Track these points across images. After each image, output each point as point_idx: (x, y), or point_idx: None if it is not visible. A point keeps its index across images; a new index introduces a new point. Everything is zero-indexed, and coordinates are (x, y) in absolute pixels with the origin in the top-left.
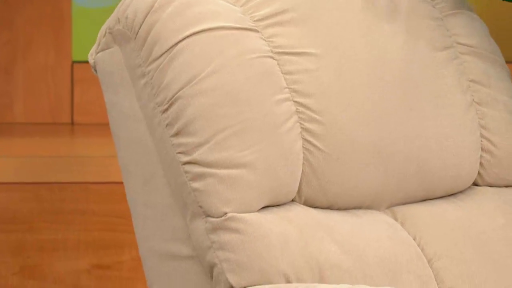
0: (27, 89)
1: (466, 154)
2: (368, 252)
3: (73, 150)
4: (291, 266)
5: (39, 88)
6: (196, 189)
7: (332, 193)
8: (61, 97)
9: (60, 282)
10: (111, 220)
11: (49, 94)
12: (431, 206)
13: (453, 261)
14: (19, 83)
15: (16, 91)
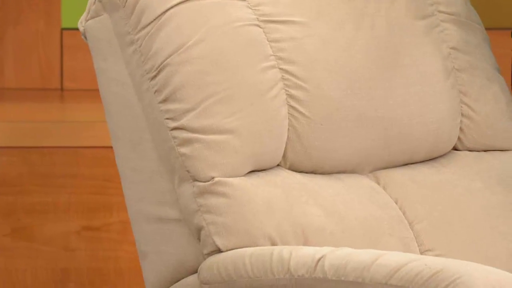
0: (18, 56)
1: (446, 120)
2: (351, 215)
3: (63, 115)
4: (276, 229)
5: (29, 54)
6: (184, 154)
7: (316, 158)
8: (51, 63)
9: (50, 244)
10: (101, 184)
11: (39, 60)
12: (412, 170)
13: (433, 224)
14: (10, 49)
15: (6, 58)
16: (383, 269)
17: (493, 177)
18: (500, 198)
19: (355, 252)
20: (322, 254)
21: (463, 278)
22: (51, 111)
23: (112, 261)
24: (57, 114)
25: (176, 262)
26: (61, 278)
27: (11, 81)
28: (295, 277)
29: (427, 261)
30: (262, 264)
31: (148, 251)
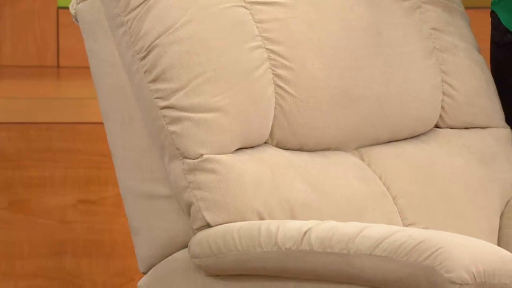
0: (15, 34)
1: (428, 98)
2: (336, 191)
3: (59, 92)
4: (264, 204)
5: (26, 32)
6: (173, 132)
7: (302, 136)
8: (47, 41)
9: (47, 216)
10: (96, 159)
11: (36, 38)
12: (395, 147)
13: (415, 199)
14: (7, 27)
15: (4, 35)
16: (368, 240)
17: (474, 154)
18: (480, 173)
19: (340, 225)
20: (308, 227)
21: (445, 248)
22: (48, 88)
23: (107, 233)
24: (53, 91)
25: (167, 237)
26: (57, 250)
27: (8, 58)
28: (283, 249)
29: (410, 232)
30: (251, 238)
31: (140, 227)
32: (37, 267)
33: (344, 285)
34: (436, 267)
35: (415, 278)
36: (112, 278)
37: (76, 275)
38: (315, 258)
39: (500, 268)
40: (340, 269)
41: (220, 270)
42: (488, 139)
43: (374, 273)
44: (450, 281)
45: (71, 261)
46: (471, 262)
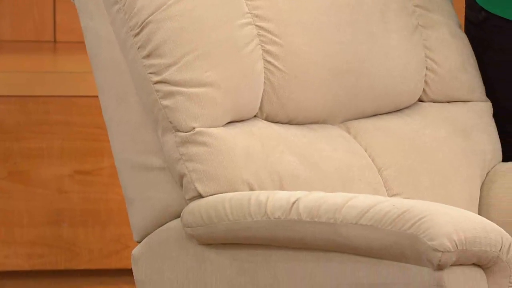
0: (13, 9)
1: (412, 73)
2: (323, 163)
3: (56, 66)
4: (254, 176)
5: (24, 8)
6: (166, 106)
7: (290, 109)
8: (45, 17)
9: (45, 186)
10: (92, 131)
11: (33, 13)
12: (380, 121)
13: (400, 170)
14: (6, 3)
15: (2, 11)
16: (354, 210)
17: (456, 126)
18: (462, 145)
19: (328, 195)
20: (297, 198)
21: (428, 217)
22: (45, 62)
23: (103, 203)
24: (50, 65)
25: (161, 207)
26: (55, 219)
27: (5, 33)
28: (272, 219)
29: (394, 202)
30: (241, 208)
31: (134, 198)
32: (35, 235)
33: (331, 253)
34: (419, 235)
35: (400, 246)
36: (108, 245)
37: (73, 243)
38: (303, 227)
39: (481, 236)
40: (327, 237)
41: (211, 239)
42: (470, 112)
43: (360, 242)
44: (433, 249)
45: (68, 230)
46: (453, 230)
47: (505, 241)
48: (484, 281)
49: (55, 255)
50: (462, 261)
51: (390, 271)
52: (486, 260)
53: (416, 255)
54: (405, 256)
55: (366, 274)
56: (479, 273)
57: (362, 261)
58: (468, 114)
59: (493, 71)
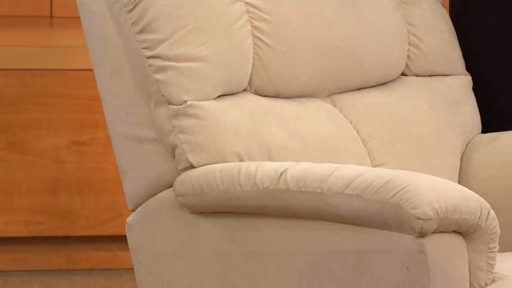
0: None
1: (395, 48)
2: (311, 135)
3: (53, 40)
4: (244, 147)
5: None
6: (159, 80)
7: (279, 83)
8: None
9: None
10: (87, 103)
11: None
12: (365, 94)
13: (383, 141)
14: None
15: None
16: (339, 180)
17: (438, 99)
18: (443, 117)
19: (314, 165)
20: (285, 168)
21: (411, 186)
22: (42, 36)
23: (99, 172)
24: (47, 40)
25: (154, 178)
26: (52, 187)
27: (3, 8)
28: (261, 189)
29: (378, 172)
30: (231, 178)
31: (128, 168)
32: (33, 203)
33: (318, 221)
34: (402, 204)
35: (383, 214)
36: (103, 213)
37: (69, 211)
38: (291, 196)
39: (461, 204)
40: (314, 206)
41: (203, 207)
42: (451, 85)
43: (345, 210)
44: (415, 217)
45: (64, 198)
46: (434, 199)
47: (484, 209)
48: (464, 248)
49: (52, 222)
50: (443, 229)
51: (374, 238)
52: (466, 227)
53: (399, 223)
54: (388, 224)
55: (351, 241)
56: (459, 240)
57: (347, 229)
58: (449, 87)
59: (474, 45)
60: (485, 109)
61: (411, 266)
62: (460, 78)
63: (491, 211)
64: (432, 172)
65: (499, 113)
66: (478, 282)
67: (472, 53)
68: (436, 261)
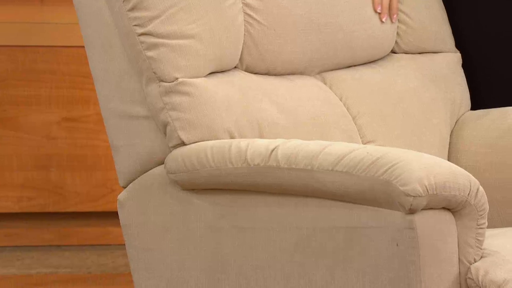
0: None
1: (385, 25)
2: (301, 111)
3: (44, 17)
4: (235, 124)
5: None
6: (151, 57)
7: (269, 61)
8: None
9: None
10: (78, 79)
11: None
12: (355, 71)
13: (373, 118)
14: None
15: None
16: (330, 157)
17: (427, 76)
18: (432, 94)
19: (305, 143)
20: (276, 145)
21: (400, 163)
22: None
23: (90, 149)
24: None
25: (145, 154)
26: (43, 163)
27: None
28: (251, 166)
29: (368, 149)
30: (222, 155)
31: (120, 145)
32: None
33: (308, 198)
34: (392, 181)
35: (373, 191)
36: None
37: (60, 187)
38: (281, 173)
39: (450, 181)
40: (304, 183)
41: (194, 184)
42: (440, 62)
43: (335, 187)
44: (405, 194)
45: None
46: (424, 176)
47: (473, 186)
48: (453, 224)
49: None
50: (433, 205)
51: (364, 215)
52: (455, 204)
53: (389, 200)
54: (378, 200)
55: (342, 218)
56: (449, 216)
57: (338, 206)
58: (438, 64)
59: (463, 22)
60: (475, 86)
61: (400, 242)
62: (449, 55)
63: (480, 187)
64: (421, 148)
65: (488, 90)
66: (467, 258)
67: (461, 30)
68: (426, 237)
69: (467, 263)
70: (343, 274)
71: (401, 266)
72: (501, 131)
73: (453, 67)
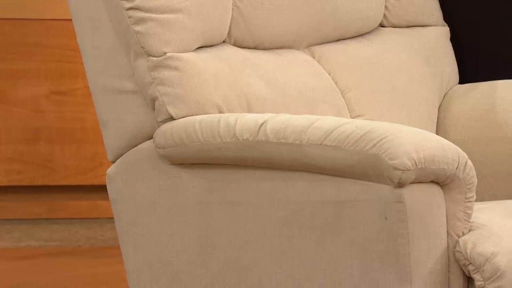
0: None
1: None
2: (289, 86)
3: None
4: (223, 99)
5: None
6: (138, 31)
7: (257, 35)
8: None
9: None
10: (67, 53)
11: None
12: (344, 45)
13: (362, 92)
14: None
15: None
16: (319, 131)
17: (415, 50)
18: (421, 68)
19: (294, 117)
20: (264, 120)
21: (389, 137)
22: None
23: (79, 122)
24: None
25: (134, 129)
26: (32, 137)
27: None
28: (240, 140)
29: (357, 123)
30: (211, 130)
31: (108, 120)
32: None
33: (297, 172)
34: (381, 155)
35: (362, 165)
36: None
37: (49, 160)
38: (270, 148)
39: (439, 155)
40: (293, 158)
41: (183, 159)
42: (429, 36)
43: (324, 161)
44: (394, 168)
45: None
46: (412, 149)
47: (461, 160)
48: (441, 198)
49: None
50: (421, 179)
51: (353, 189)
52: (444, 177)
53: (378, 174)
54: (367, 174)
55: (331, 192)
56: (437, 190)
57: (327, 180)
58: (427, 38)
59: None
60: (463, 59)
61: (389, 215)
62: (438, 29)
63: (469, 161)
64: (410, 122)
65: (477, 64)
66: (455, 231)
67: (450, 3)
68: (414, 210)
69: (456, 236)
70: (332, 248)
71: (389, 239)
72: (489, 104)
73: (441, 40)
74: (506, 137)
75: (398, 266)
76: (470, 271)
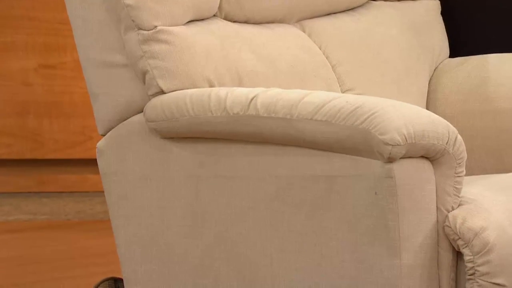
0: None
1: None
2: (280, 60)
3: None
4: (214, 72)
5: None
6: (129, 5)
7: (248, 9)
8: None
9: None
10: (56, 26)
11: None
12: (334, 19)
13: (353, 66)
14: None
15: None
16: (309, 106)
17: (406, 24)
18: (412, 42)
19: (284, 91)
20: (255, 94)
21: (379, 112)
22: None
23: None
24: None
25: (124, 102)
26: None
27: None
28: (231, 114)
29: (348, 98)
30: (201, 104)
31: (99, 93)
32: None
33: (288, 147)
34: (371, 130)
35: (353, 140)
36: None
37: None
38: (261, 122)
39: (429, 129)
40: (284, 132)
41: (173, 133)
42: (419, 10)
43: (315, 136)
44: (384, 143)
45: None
46: (402, 124)
47: (451, 134)
48: (431, 172)
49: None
50: (411, 154)
51: (343, 164)
52: (434, 152)
53: (368, 149)
54: (357, 149)
55: (321, 166)
56: (427, 164)
57: (317, 155)
58: (417, 11)
59: None
60: (453, 33)
61: (379, 190)
62: (429, 2)
63: (459, 136)
64: (400, 97)
65: (467, 37)
66: (445, 206)
67: None
68: (404, 185)
69: (445, 211)
70: (322, 222)
71: (379, 214)
72: (479, 78)
73: (432, 14)
74: (496, 110)
75: (387, 241)
76: (459, 245)
